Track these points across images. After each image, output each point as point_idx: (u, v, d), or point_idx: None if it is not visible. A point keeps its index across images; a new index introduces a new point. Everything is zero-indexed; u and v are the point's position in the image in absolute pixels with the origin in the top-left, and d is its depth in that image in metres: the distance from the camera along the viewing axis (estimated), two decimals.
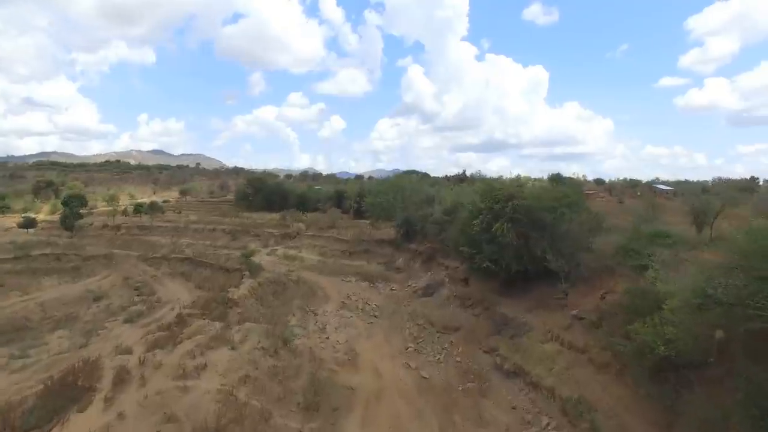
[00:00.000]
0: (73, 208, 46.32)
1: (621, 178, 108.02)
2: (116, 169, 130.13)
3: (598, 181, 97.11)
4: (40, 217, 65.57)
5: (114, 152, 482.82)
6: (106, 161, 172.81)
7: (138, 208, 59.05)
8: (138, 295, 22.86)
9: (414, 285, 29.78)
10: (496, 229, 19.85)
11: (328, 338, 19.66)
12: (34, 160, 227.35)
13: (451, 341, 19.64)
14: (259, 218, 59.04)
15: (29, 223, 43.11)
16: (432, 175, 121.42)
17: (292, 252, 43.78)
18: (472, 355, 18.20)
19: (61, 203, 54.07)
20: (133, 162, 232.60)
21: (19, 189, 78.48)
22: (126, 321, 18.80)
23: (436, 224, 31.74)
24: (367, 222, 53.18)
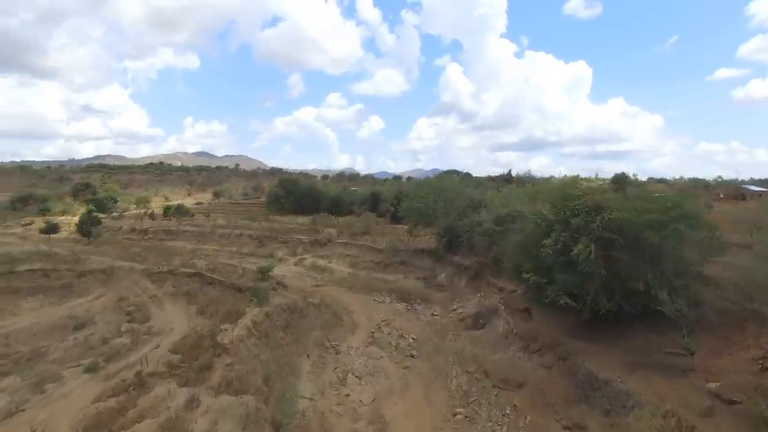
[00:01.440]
0: (91, 213, 44.12)
1: (677, 177, 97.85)
2: (157, 170, 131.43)
3: (659, 182, 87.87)
4: (77, 219, 65.13)
5: (161, 154, 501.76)
6: (150, 163, 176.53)
7: (167, 211, 56.84)
8: (128, 321, 19.11)
9: (460, 310, 24.66)
10: (578, 252, 14.46)
11: (348, 395, 14.95)
12: (89, 163, 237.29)
13: (515, 405, 14.45)
14: (290, 222, 55.44)
15: (51, 229, 41.20)
16: (474, 175, 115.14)
17: (321, 262, 39.59)
18: (545, 430, 13.00)
19: (86, 206, 52.43)
20: (178, 164, 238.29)
21: (61, 192, 79.00)
22: (87, 370, 14.83)
23: (485, 236, 26.44)
24: (403, 227, 48.45)
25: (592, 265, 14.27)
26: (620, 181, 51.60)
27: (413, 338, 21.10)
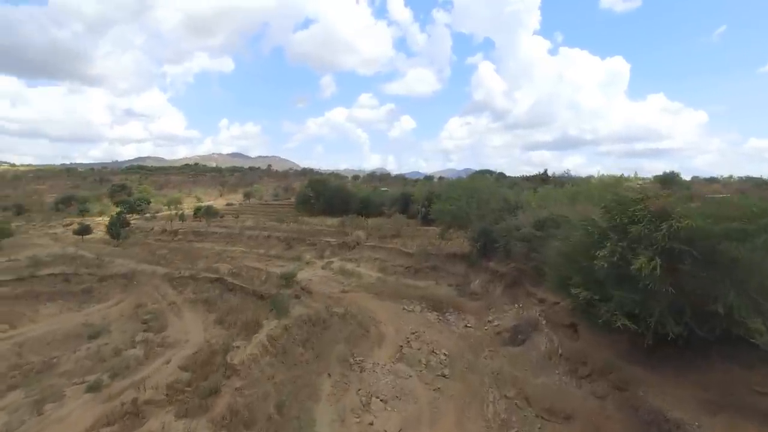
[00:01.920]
0: (121, 215, 44.39)
1: (726, 175, 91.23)
2: (192, 171, 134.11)
3: (710, 181, 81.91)
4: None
5: (197, 156, 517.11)
6: (186, 165, 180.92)
7: (197, 212, 57.03)
8: (144, 331, 18.22)
9: (496, 322, 22.65)
10: (639, 267, 12.31)
11: (372, 424, 13.33)
12: (130, 165, 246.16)
13: None
14: (318, 224, 54.49)
15: (84, 230, 41.66)
16: (507, 175, 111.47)
17: (349, 266, 38.24)
18: None
19: (116, 207, 53.08)
20: (213, 165, 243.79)
21: (99, 193, 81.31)
22: (90, 388, 13.79)
23: (523, 241, 24.31)
24: (435, 229, 46.54)
25: (657, 281, 12.08)
26: (668, 180, 47.92)
27: (445, 354, 19.30)
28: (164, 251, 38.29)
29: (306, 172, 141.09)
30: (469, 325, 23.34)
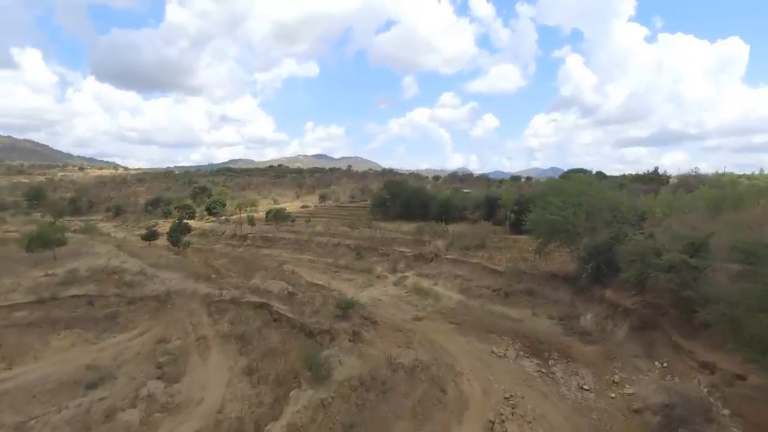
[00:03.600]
0: (181, 221, 42.87)
1: None
2: (274, 173, 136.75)
3: None
4: (192, 222, 67.37)
5: (284, 158, 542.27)
6: (270, 166, 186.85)
7: (268, 216, 55.08)
8: (157, 378, 14.43)
9: (628, 388, 15.92)
10: None
11: None
12: (222, 167, 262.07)
13: None
14: (393, 230, 49.68)
15: (151, 235, 40.74)
16: (606, 173, 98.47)
17: (425, 283, 32.89)
18: None
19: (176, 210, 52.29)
20: (297, 166, 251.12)
21: (181, 195, 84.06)
22: None
23: (669, 271, 17.20)
24: (527, 239, 39.55)
25: None
26: None
27: None
28: (224, 260, 35.81)
29: (385, 173, 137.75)
30: (585, 386, 16.82)
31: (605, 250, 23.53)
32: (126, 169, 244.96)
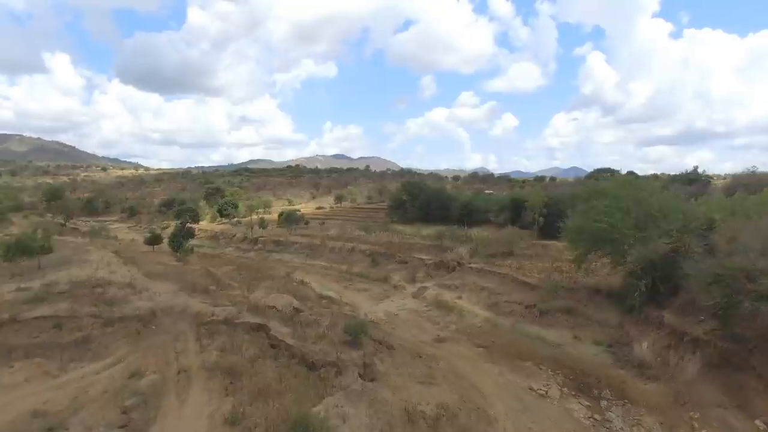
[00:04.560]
0: (184, 224, 40.37)
1: None
2: (291, 174, 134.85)
3: None
4: (203, 224, 65.39)
5: (303, 158, 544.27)
6: (288, 166, 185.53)
7: (280, 218, 52.50)
8: (119, 427, 11.55)
9: None
10: None
11: None
12: (241, 167, 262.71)
13: None
14: (412, 234, 46.48)
15: (155, 239, 38.44)
16: (628, 173, 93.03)
17: (447, 296, 29.62)
18: None
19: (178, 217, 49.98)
20: (315, 166, 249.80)
21: (195, 196, 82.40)
22: None
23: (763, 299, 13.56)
24: (559, 246, 35.93)
25: None
26: None
27: None
28: (228, 268, 33.10)
29: (404, 173, 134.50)
30: None
31: (663, 265, 19.89)
32: (147, 169, 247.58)
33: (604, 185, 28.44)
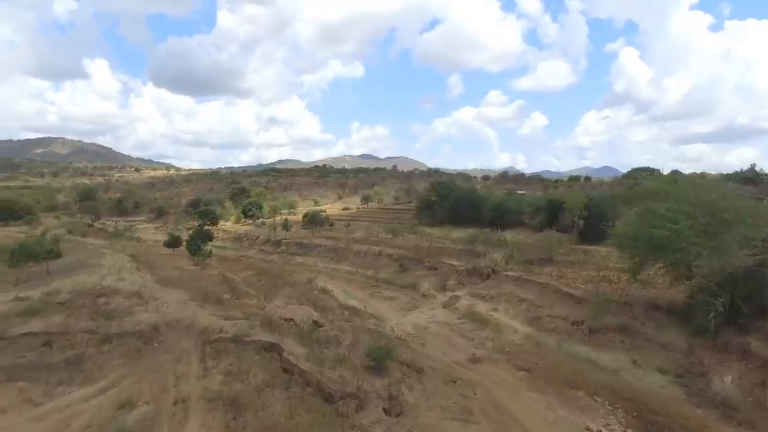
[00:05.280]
0: (202, 227, 38.94)
1: None
2: (317, 174, 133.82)
3: None
4: (227, 225, 64.47)
5: (330, 158, 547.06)
6: (315, 166, 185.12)
7: (304, 219, 50.74)
8: None
9: None
10: None
11: None
12: (269, 167, 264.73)
13: None
14: (442, 237, 43.85)
15: (174, 242, 37.20)
16: (672, 171, 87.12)
17: (482, 307, 26.95)
18: None
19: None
20: (344, 166, 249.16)
21: (220, 196, 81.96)
22: None
23: None
24: (602, 252, 32.81)
25: None
26: None
27: None
28: (247, 273, 31.37)
29: (431, 173, 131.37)
30: None
31: (746, 280, 16.77)
32: (178, 170, 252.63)
33: (663, 185, 25.14)
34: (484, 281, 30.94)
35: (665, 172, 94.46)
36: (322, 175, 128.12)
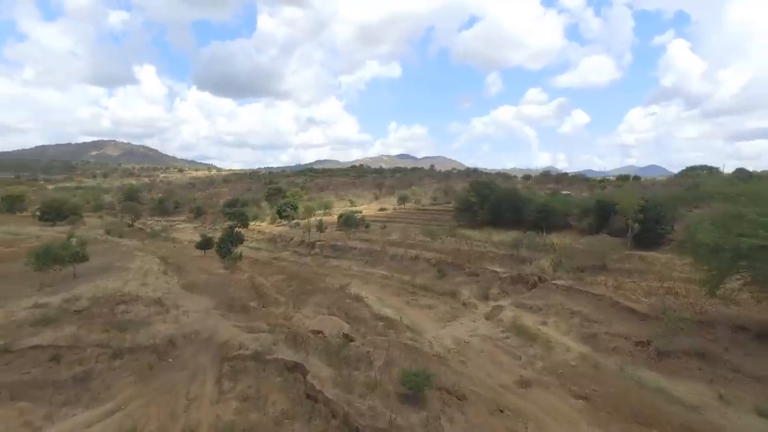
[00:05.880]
0: (233, 229, 37.97)
1: None
2: (354, 174, 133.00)
3: None
4: (263, 226, 64.12)
5: (368, 158, 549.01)
6: (352, 166, 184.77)
7: (339, 220, 49.34)
8: None
9: None
10: None
11: None
12: (307, 168, 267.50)
13: None
14: (482, 240, 41.27)
15: (206, 243, 36.50)
16: (737, 170, 79.96)
17: (527, 320, 24.40)
18: None
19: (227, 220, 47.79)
20: (381, 166, 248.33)
21: (258, 197, 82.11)
22: None
23: None
24: (662, 259, 29.60)
25: None
26: None
27: None
28: (278, 277, 30.11)
29: (469, 173, 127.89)
30: None
31: None
32: (219, 170, 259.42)
33: (751, 187, 21.79)
34: (530, 290, 28.30)
35: (726, 171, 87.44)
36: (359, 175, 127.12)
